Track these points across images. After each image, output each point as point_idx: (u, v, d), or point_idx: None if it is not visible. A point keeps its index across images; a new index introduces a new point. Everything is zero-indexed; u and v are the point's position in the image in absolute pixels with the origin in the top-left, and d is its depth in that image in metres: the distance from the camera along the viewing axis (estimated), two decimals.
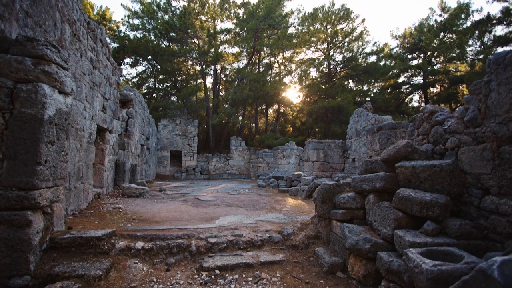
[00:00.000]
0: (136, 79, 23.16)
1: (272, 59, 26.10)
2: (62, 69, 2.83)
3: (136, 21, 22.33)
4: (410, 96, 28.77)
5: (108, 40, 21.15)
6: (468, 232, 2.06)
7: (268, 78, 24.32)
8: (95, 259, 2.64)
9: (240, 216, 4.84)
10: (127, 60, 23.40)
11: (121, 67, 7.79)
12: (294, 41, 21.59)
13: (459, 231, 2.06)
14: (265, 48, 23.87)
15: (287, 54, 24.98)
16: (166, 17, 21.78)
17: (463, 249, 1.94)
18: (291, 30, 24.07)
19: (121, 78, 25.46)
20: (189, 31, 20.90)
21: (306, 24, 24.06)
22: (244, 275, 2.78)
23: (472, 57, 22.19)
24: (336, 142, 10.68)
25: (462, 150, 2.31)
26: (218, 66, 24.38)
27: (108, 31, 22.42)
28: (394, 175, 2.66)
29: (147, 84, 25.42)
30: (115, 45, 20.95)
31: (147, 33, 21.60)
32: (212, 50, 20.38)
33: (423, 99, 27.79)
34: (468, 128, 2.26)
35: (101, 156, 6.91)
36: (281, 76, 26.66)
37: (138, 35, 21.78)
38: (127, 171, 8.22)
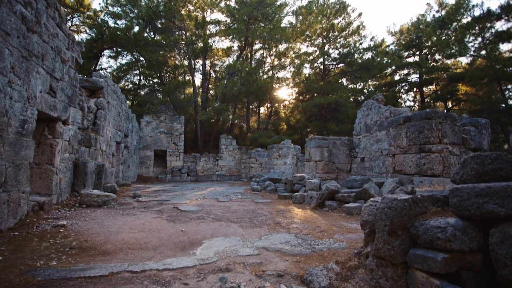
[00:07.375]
0: (117, 71, 21.23)
1: (265, 53, 24.69)
2: None
3: (118, 9, 20.46)
4: (406, 94, 27.93)
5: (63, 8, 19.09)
6: None
7: (260, 72, 22.87)
8: None
9: (233, 240, 3.34)
10: (107, 52, 21.48)
11: (80, 41, 6.13)
12: (288, 33, 20.22)
13: None
14: (257, 42, 22.41)
15: (281, 48, 23.61)
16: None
17: None
18: (285, 23, 22.75)
19: (102, 72, 23.36)
20: (175, 19, 19.18)
21: (301, 17, 22.78)
22: None
23: (472, 53, 21.34)
24: (342, 139, 9.30)
25: None
26: (208, 62, 22.73)
27: (86, 20, 20.43)
28: None
29: (130, 78, 23.53)
30: (93, 34, 19.03)
31: (129, 23, 19.73)
32: (201, 41, 18.75)
33: (419, 97, 26.94)
34: None
35: (49, 153, 5.27)
36: (274, 72, 25.27)
37: (120, 24, 19.95)
38: (90, 173, 6.57)
